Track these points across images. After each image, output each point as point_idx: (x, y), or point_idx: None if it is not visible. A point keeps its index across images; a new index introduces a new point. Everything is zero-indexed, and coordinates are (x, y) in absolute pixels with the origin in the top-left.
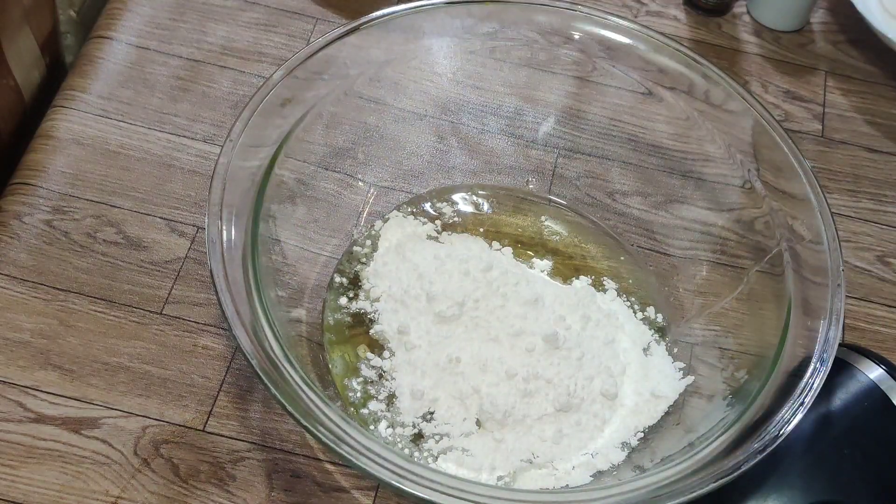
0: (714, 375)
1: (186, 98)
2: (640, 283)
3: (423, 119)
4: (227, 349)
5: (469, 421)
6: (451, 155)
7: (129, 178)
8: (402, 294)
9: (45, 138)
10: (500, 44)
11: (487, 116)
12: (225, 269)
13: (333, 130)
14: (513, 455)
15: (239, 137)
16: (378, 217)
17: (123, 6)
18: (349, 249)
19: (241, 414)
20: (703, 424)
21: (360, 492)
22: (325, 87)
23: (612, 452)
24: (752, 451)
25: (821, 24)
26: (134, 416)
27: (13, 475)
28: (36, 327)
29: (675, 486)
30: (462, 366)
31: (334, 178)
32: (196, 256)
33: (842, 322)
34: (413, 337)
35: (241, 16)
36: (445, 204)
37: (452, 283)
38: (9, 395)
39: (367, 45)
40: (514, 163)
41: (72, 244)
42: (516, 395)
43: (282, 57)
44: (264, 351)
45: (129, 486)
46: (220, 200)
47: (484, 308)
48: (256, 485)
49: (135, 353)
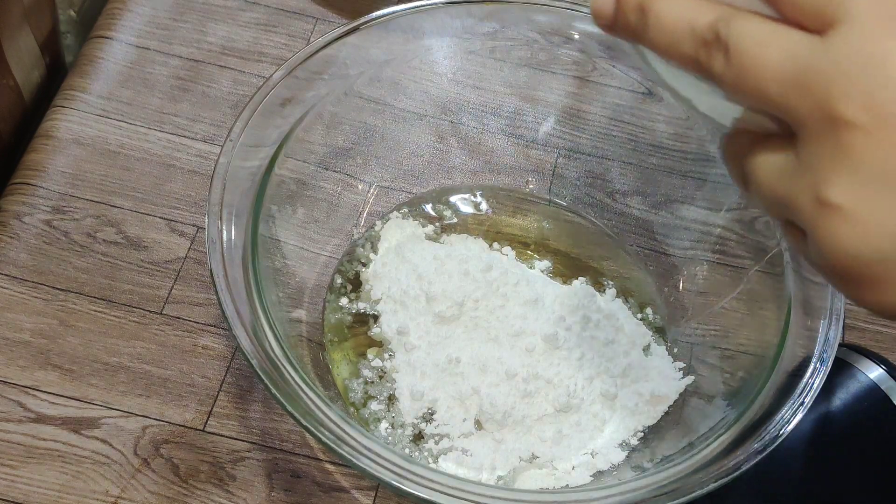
0: (714, 375)
1: (186, 98)
2: (640, 283)
3: (423, 119)
4: (227, 349)
5: (469, 421)
6: (451, 155)
7: (129, 178)
8: (401, 295)
9: (45, 138)
10: (500, 44)
11: (487, 116)
12: (225, 269)
13: (333, 130)
14: (513, 455)
15: (239, 137)
16: (378, 217)
17: (123, 6)
18: (349, 250)
19: (241, 414)
20: (703, 424)
21: (360, 492)
22: (325, 87)
23: (612, 452)
24: (752, 451)
25: None
26: (134, 415)
27: (13, 475)
28: (36, 327)
29: (675, 486)
30: (462, 366)
31: (334, 178)
32: (196, 256)
33: (842, 322)
34: (413, 337)
35: (241, 16)
36: (445, 204)
37: (452, 283)
38: (9, 395)
39: (367, 45)
40: (514, 163)
41: (72, 244)
42: (516, 396)
43: (282, 57)
44: (264, 351)
45: (129, 486)
46: (220, 200)
47: (484, 308)
48: (256, 485)
49: (135, 353)
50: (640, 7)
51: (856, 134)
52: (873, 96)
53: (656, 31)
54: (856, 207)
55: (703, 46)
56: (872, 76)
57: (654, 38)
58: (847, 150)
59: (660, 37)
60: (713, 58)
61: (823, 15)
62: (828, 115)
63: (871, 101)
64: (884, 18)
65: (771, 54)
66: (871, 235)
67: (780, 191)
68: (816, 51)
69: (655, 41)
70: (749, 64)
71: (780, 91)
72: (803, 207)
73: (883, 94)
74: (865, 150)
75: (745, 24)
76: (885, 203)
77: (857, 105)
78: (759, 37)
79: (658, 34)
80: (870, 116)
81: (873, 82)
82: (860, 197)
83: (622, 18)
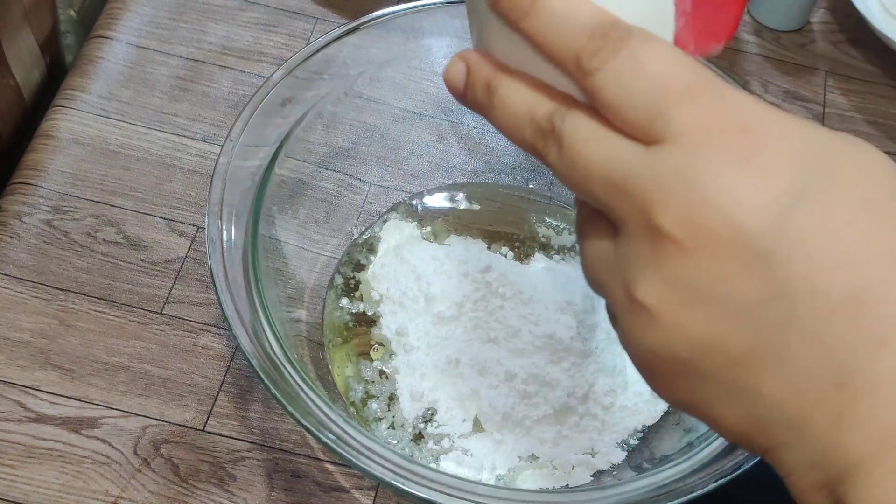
0: None
1: (186, 98)
2: None
3: (423, 119)
4: (227, 349)
5: (469, 422)
6: (451, 155)
7: (129, 178)
8: (400, 296)
9: (45, 138)
10: None
11: None
12: (225, 269)
13: (333, 130)
14: (512, 455)
15: (239, 137)
16: (378, 217)
17: (123, 6)
18: (349, 250)
19: (241, 414)
20: (702, 424)
21: (360, 492)
22: (325, 86)
23: (612, 452)
24: None
25: (821, 23)
26: (134, 415)
27: (13, 475)
28: (36, 327)
29: (675, 486)
30: (461, 367)
31: (334, 178)
32: (196, 256)
33: None
34: (412, 339)
35: (241, 16)
36: (445, 204)
37: (451, 284)
38: (9, 395)
39: (367, 45)
40: (514, 162)
41: (72, 244)
42: (516, 397)
43: (282, 57)
44: (264, 351)
45: (129, 485)
46: (220, 200)
47: (483, 309)
48: (256, 485)
49: (135, 353)
50: (487, 86)
51: (671, 246)
52: (691, 216)
53: (500, 112)
54: (660, 311)
55: (541, 135)
56: (692, 196)
57: (497, 118)
58: (661, 259)
59: (503, 119)
60: (549, 148)
61: (648, 131)
62: (647, 223)
63: (689, 220)
64: (706, 141)
65: (597, 155)
66: (670, 339)
67: (598, 275)
68: (640, 161)
69: (499, 122)
70: (577, 160)
71: (604, 191)
72: (615, 297)
73: (700, 215)
74: (678, 262)
75: (576, 121)
76: (688, 313)
77: (674, 220)
78: (588, 136)
79: (501, 116)
80: (686, 234)
81: (692, 202)
82: (666, 302)
83: (471, 94)
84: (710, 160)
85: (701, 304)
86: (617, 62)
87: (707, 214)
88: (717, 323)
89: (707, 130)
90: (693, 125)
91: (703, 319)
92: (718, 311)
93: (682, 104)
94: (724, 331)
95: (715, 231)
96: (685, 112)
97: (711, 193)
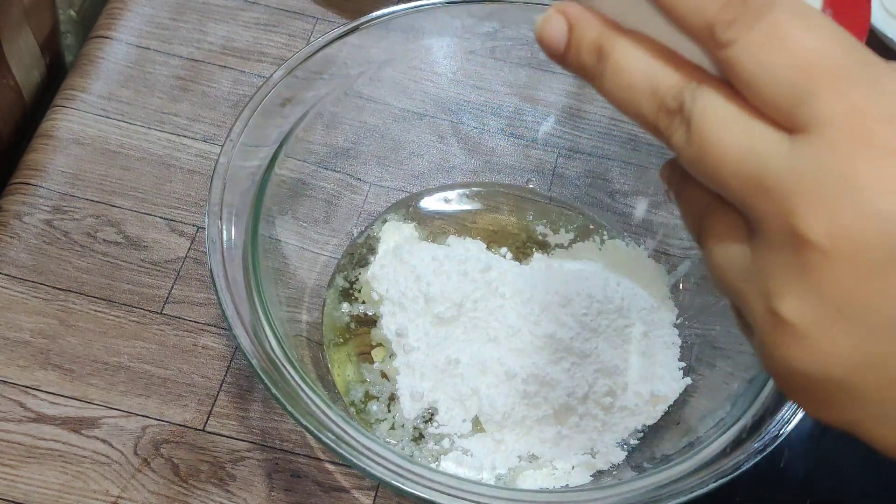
0: (714, 375)
1: (186, 98)
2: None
3: (423, 119)
4: (227, 349)
5: (469, 422)
6: (451, 155)
7: (129, 178)
8: (399, 296)
9: (45, 138)
10: (500, 44)
11: (487, 116)
12: (225, 269)
13: (333, 130)
14: (513, 455)
15: (239, 137)
16: (378, 217)
17: (123, 6)
18: (349, 250)
19: (241, 414)
20: (703, 424)
21: (360, 492)
22: (325, 86)
23: (612, 452)
24: (752, 451)
25: None
26: (134, 415)
27: (13, 475)
28: (36, 327)
29: (675, 486)
30: (461, 367)
31: (334, 178)
32: (196, 256)
33: None
34: (412, 339)
35: (241, 16)
36: (445, 204)
37: (451, 284)
38: (9, 395)
39: (367, 45)
40: (514, 162)
41: (72, 244)
42: (516, 397)
43: (282, 57)
44: (264, 351)
45: (129, 485)
46: (220, 200)
47: (483, 309)
48: (256, 485)
49: (135, 353)
50: (598, 50)
51: (816, 256)
52: (839, 222)
53: (614, 82)
54: (809, 329)
55: (665, 113)
56: (839, 199)
57: (609, 89)
58: (806, 270)
59: (616, 90)
60: (674, 128)
61: (791, 117)
62: (788, 228)
63: (836, 227)
64: (857, 134)
65: (732, 144)
66: (822, 360)
67: (733, 283)
68: (781, 153)
69: (611, 93)
70: (709, 147)
71: (739, 185)
72: (754, 311)
73: (849, 220)
74: (825, 275)
75: (709, 101)
76: (840, 331)
77: (820, 227)
78: (724, 120)
79: (615, 87)
80: (833, 242)
81: (840, 206)
82: (815, 320)
83: (574, 56)
84: (862, 157)
85: (856, 322)
86: (756, 34)
87: (859, 222)
88: (875, 343)
89: (860, 122)
90: (843, 114)
91: (859, 338)
92: (877, 330)
93: (831, 88)
94: (883, 350)
95: (868, 241)
96: (834, 98)
97: (865, 197)
